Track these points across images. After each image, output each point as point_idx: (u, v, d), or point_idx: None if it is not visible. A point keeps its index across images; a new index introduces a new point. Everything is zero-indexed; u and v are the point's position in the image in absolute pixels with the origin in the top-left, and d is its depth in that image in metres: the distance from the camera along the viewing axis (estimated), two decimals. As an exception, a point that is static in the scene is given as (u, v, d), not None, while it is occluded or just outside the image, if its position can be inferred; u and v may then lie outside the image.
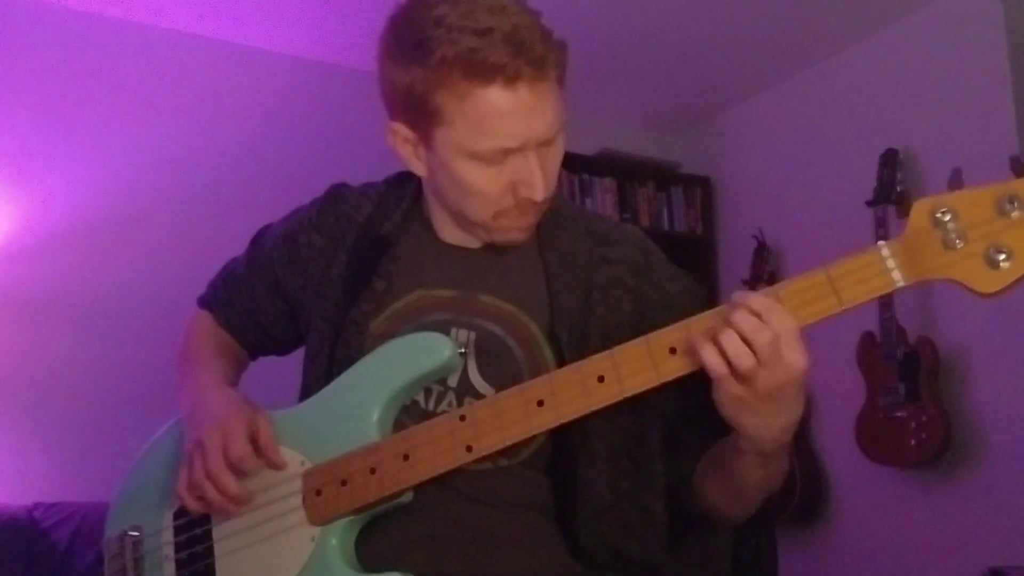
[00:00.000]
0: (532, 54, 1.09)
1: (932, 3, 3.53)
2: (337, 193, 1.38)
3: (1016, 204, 0.93)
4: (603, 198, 4.22)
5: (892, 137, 3.53)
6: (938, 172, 3.43)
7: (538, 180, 1.15)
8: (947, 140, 3.42)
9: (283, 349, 1.47)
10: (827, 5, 3.52)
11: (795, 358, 0.98)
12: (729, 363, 0.98)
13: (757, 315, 0.98)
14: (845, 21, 3.65)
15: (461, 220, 1.24)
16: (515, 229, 1.21)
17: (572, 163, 4.08)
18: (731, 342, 0.98)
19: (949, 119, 3.44)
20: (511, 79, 1.09)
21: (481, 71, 1.09)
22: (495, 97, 1.10)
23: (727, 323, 0.98)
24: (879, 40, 3.74)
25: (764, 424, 1.04)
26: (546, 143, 1.16)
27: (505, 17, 1.10)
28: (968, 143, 3.34)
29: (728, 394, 1.00)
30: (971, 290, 0.95)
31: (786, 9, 3.54)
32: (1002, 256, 0.93)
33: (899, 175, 3.43)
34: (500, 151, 1.13)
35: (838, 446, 3.67)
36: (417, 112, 1.15)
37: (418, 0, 1.15)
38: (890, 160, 3.46)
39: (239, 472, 1.17)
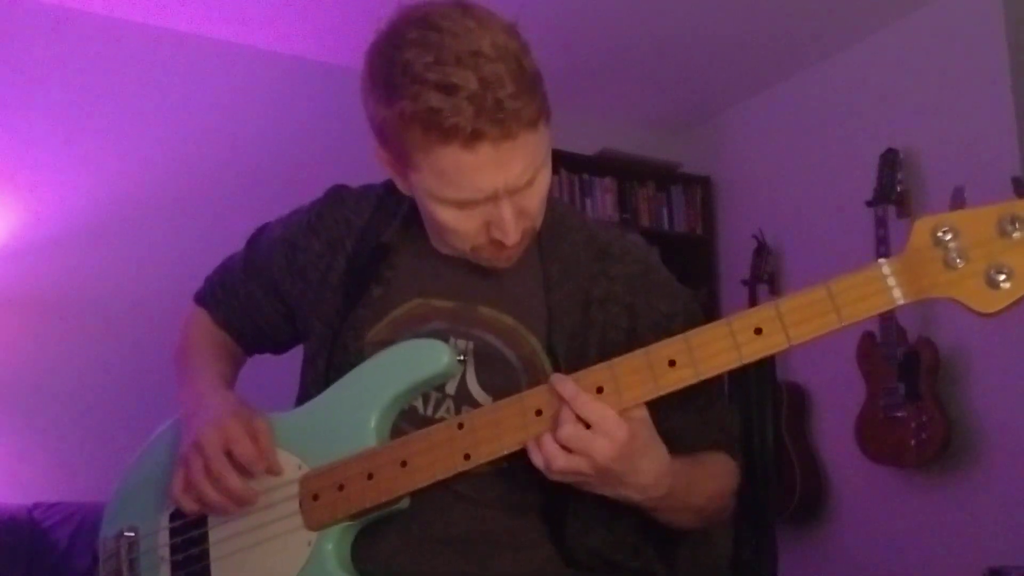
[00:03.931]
0: (498, 114, 1.03)
1: (932, 3, 3.53)
2: (336, 196, 1.37)
3: (1018, 225, 0.93)
4: (603, 198, 4.22)
5: (892, 137, 3.53)
6: (938, 172, 3.43)
7: (509, 227, 1.11)
8: (947, 140, 3.42)
9: (280, 348, 1.47)
10: (827, 5, 3.52)
11: (603, 443, 1.01)
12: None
13: (565, 403, 1.02)
14: (845, 21, 3.65)
15: (445, 244, 1.23)
16: (495, 260, 1.19)
17: (572, 163, 4.09)
18: (547, 444, 1.03)
19: (949, 119, 3.44)
20: (471, 141, 1.04)
21: (439, 131, 1.04)
22: (455, 156, 1.05)
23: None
24: (879, 40, 3.73)
25: (616, 493, 1.07)
26: (522, 187, 1.11)
27: (475, 69, 1.02)
28: (968, 143, 3.34)
29: (562, 480, 1.05)
30: (971, 310, 0.95)
31: (786, 9, 3.54)
32: (1002, 276, 0.93)
33: (899, 175, 3.43)
34: (467, 201, 1.10)
35: (838, 446, 3.67)
36: (391, 148, 1.14)
37: (392, 33, 1.10)
38: (890, 160, 3.46)
39: (247, 474, 1.16)
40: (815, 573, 3.72)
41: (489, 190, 1.09)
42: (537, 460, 1.03)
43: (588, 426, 1.01)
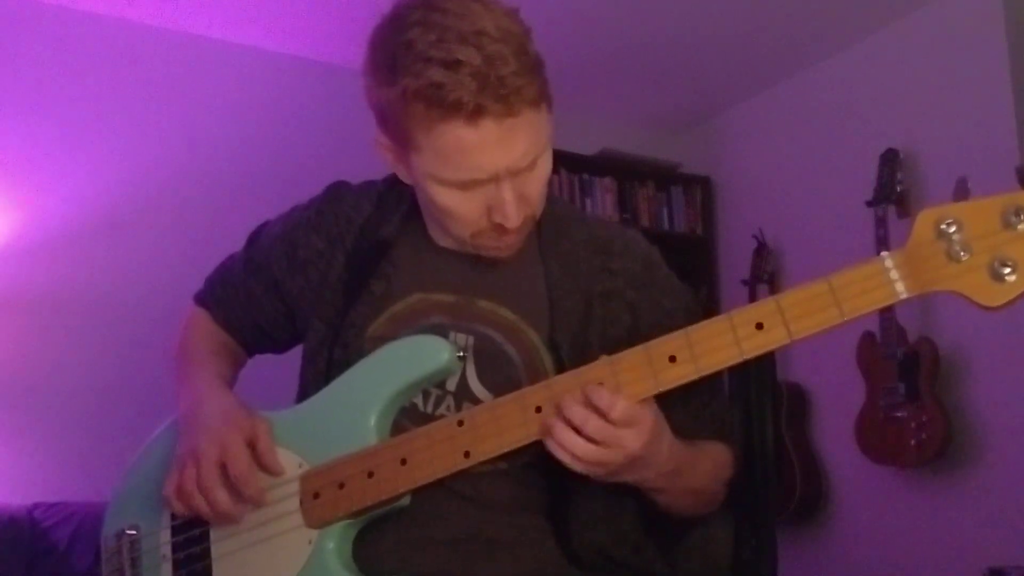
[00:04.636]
0: (501, 90, 1.04)
1: (932, 3, 3.53)
2: (336, 192, 1.37)
3: (1022, 216, 0.92)
4: (603, 198, 4.22)
5: (892, 137, 3.53)
6: (938, 172, 3.43)
7: (510, 210, 1.12)
8: (947, 140, 3.42)
9: (280, 348, 1.47)
10: (827, 5, 3.52)
11: (632, 433, 1.01)
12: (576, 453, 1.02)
13: (591, 406, 1.01)
14: (845, 21, 3.65)
15: (446, 232, 1.24)
16: (495, 248, 1.20)
17: (572, 163, 4.09)
18: (568, 438, 1.02)
19: (949, 119, 3.44)
20: (473, 116, 1.04)
21: (442, 107, 1.04)
22: (458, 132, 1.06)
23: (560, 415, 1.03)
24: (879, 40, 3.73)
25: (639, 476, 1.08)
26: (523, 169, 1.11)
27: (479, 47, 1.03)
28: (968, 143, 3.34)
29: (588, 473, 1.05)
30: (975, 303, 0.94)
31: (786, 9, 3.54)
32: (1007, 269, 0.92)
33: (899, 175, 3.43)
34: (469, 181, 1.10)
35: (838, 446, 3.67)
36: (392, 131, 1.14)
37: (395, 16, 1.11)
38: (890, 160, 3.46)
39: (236, 492, 1.16)
40: (815, 573, 3.71)
41: (491, 169, 1.09)
42: (563, 456, 1.02)
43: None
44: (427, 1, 1.09)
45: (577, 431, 1.01)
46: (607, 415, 1.00)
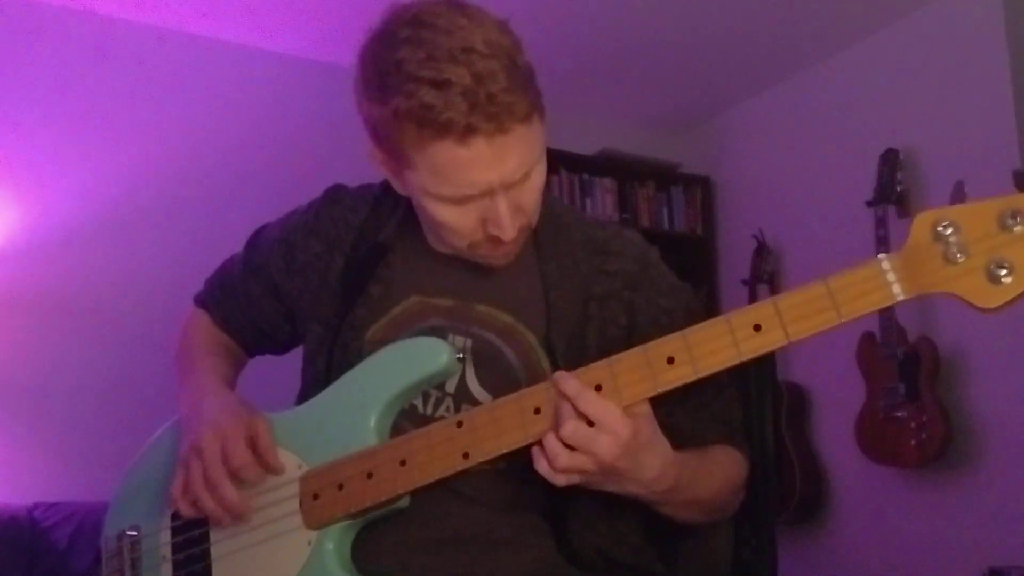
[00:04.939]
0: (492, 109, 1.03)
1: (932, 3, 3.53)
2: (334, 196, 1.38)
3: (1019, 219, 0.92)
4: (603, 198, 4.23)
5: (892, 137, 3.53)
6: (938, 172, 3.43)
7: (505, 222, 1.12)
8: (947, 140, 3.43)
9: (280, 349, 1.47)
10: (827, 5, 3.53)
11: (607, 441, 1.00)
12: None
13: (569, 400, 1.01)
14: (845, 21, 3.65)
15: (442, 242, 1.24)
16: (492, 257, 1.20)
17: (572, 163, 4.09)
18: (549, 443, 1.01)
19: (949, 119, 3.44)
20: (465, 135, 1.04)
21: (433, 128, 1.04)
22: (451, 151, 1.06)
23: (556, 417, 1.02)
24: (879, 40, 3.74)
25: (620, 489, 1.06)
26: (517, 182, 1.11)
27: (468, 65, 1.03)
28: (968, 143, 3.34)
29: (562, 483, 1.04)
30: (972, 305, 0.94)
31: (786, 9, 3.54)
32: (1003, 271, 0.92)
33: (899, 175, 3.43)
34: (463, 197, 1.11)
35: (838, 446, 3.67)
36: (385, 147, 1.14)
37: (384, 32, 1.10)
38: (890, 160, 3.46)
39: (239, 481, 1.16)
40: (815, 573, 3.72)
41: (484, 185, 1.09)
42: (541, 465, 1.02)
43: (591, 424, 1.01)
44: (416, 17, 1.08)
45: (555, 431, 1.01)
46: (576, 403, 1.00)
